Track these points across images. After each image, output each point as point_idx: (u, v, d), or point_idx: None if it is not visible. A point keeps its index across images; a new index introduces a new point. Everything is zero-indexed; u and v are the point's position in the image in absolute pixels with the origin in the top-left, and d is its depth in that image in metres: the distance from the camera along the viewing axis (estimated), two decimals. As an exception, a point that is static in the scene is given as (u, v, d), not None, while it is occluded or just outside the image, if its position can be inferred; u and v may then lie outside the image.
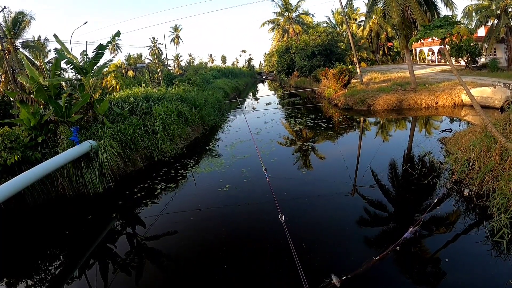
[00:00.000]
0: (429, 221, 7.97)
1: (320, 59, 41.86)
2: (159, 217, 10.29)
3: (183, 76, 35.74)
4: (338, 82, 29.16)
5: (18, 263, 8.95)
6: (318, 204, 9.95)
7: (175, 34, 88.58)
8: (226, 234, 8.66)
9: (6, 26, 32.70)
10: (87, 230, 10.20)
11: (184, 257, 8.07)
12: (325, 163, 14.07)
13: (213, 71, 47.59)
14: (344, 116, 23.51)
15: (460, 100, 20.85)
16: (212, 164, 14.64)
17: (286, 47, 54.03)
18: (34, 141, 13.11)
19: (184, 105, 21.40)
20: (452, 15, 10.53)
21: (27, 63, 15.00)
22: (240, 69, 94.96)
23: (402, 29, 23.24)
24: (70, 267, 8.34)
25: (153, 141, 16.06)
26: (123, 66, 47.64)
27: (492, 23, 31.46)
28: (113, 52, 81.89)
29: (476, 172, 9.03)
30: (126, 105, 17.45)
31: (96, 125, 14.66)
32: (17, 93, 13.75)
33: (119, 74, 36.05)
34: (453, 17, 10.48)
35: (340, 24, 65.61)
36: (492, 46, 32.26)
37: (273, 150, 15.98)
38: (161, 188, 12.42)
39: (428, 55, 54.79)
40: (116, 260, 8.35)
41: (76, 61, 15.08)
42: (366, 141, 16.87)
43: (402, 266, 6.67)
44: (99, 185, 12.66)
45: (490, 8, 30.74)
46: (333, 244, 7.79)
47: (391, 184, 10.77)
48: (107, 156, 13.20)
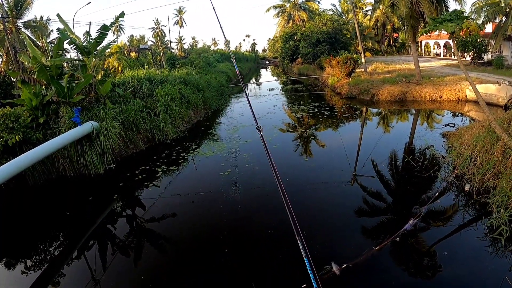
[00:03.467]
0: (429, 214, 8.00)
1: (325, 47, 41.46)
2: (160, 199, 10.36)
3: (186, 59, 35.42)
4: (342, 70, 28.97)
5: (18, 243, 9.04)
6: (319, 192, 10.01)
7: (179, 16, 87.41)
8: (227, 218, 8.71)
9: (8, 6, 32.35)
10: (87, 211, 10.27)
11: (184, 240, 8.13)
12: (326, 151, 14.10)
13: (216, 55, 47.04)
14: (347, 105, 23.43)
15: (464, 95, 20.72)
16: (214, 148, 14.66)
17: (291, 33, 53.42)
18: (35, 121, 13.05)
19: (187, 88, 21.31)
20: (461, 9, 10.36)
21: (29, 42, 14.82)
22: (243, 53, 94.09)
23: (409, 21, 22.94)
24: (70, 248, 8.41)
25: (155, 123, 16.05)
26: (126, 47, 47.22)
27: (500, 20, 31.01)
28: (116, 33, 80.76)
29: (477, 168, 9.02)
30: (129, 87, 17.35)
31: (98, 106, 14.58)
32: (18, 73, 13.62)
33: (122, 56, 35.71)
34: (462, 11, 10.33)
35: (346, 13, 64.71)
36: (498, 44, 31.87)
37: (275, 136, 16.03)
38: (162, 170, 12.47)
39: (433, 49, 54.20)
40: (115, 242, 8.42)
41: (79, 42, 14.91)
42: (367, 131, 16.85)
43: (401, 257, 6.73)
44: (100, 167, 12.68)
45: (499, 5, 30.27)
46: (333, 232, 7.86)
47: (391, 175, 10.80)
48: (109, 138, 13.18)
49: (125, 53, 39.10)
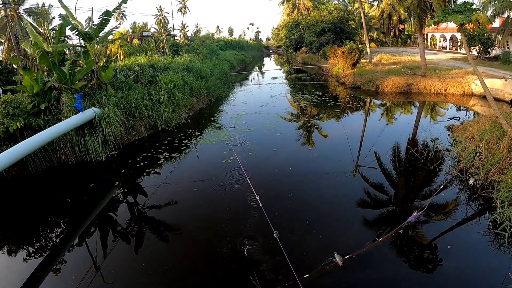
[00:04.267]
0: (432, 207, 7.95)
1: (330, 36, 41.07)
2: (161, 186, 10.33)
3: (190, 46, 35.19)
4: (347, 60, 28.76)
5: (20, 230, 9.04)
6: (321, 181, 9.96)
7: (182, 3, 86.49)
8: (229, 206, 8.68)
9: (9, -8, 32.04)
10: (89, 198, 10.26)
11: (185, 228, 8.11)
12: (329, 141, 14.01)
13: (219, 43, 46.77)
14: (351, 95, 23.25)
15: (470, 89, 20.47)
16: (217, 136, 14.61)
17: (296, 22, 52.92)
18: (37, 108, 12.96)
19: (190, 75, 21.18)
20: (470, 2, 10.12)
21: (31, 29, 14.70)
22: (247, 42, 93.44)
23: (416, 12, 22.60)
24: (71, 235, 8.41)
25: (157, 110, 15.99)
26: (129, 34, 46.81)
27: (508, 15, 30.58)
28: (118, 20, 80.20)
29: (482, 163, 8.93)
30: (131, 73, 17.24)
31: (100, 92, 14.49)
32: (20, 60, 13.47)
33: (124, 42, 35.41)
34: (472, 3, 10.09)
35: (352, 2, 63.86)
36: (505, 39, 31.47)
37: (279, 124, 16.03)
38: (164, 157, 12.44)
39: (439, 41, 53.58)
40: (117, 229, 8.41)
41: (81, 27, 14.74)
42: (371, 122, 16.73)
43: (404, 249, 6.70)
44: (102, 153, 12.65)
45: (507, 0, 29.83)
46: (336, 223, 7.82)
47: (394, 167, 10.73)
48: (111, 124, 13.14)
49: (127, 39, 38.78)
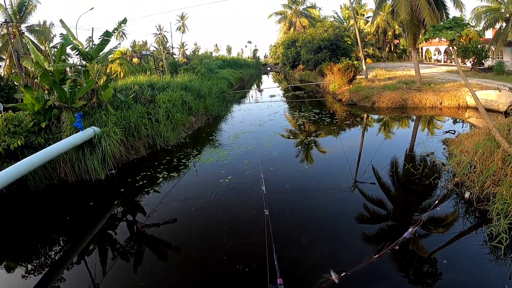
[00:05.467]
0: (428, 221, 8.01)
1: (326, 54, 41.64)
2: (160, 205, 10.37)
3: (188, 65, 35.61)
4: (343, 77, 29.05)
5: (19, 247, 9.06)
6: (319, 198, 10.03)
7: (181, 22, 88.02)
8: (226, 225, 8.71)
9: (12, 10, 32.60)
10: (88, 217, 10.29)
11: (184, 246, 8.13)
12: (327, 158, 14.11)
13: (218, 61, 47.30)
14: (348, 111, 23.48)
15: (465, 101, 20.76)
16: (215, 155, 14.68)
17: (292, 40, 53.69)
18: (37, 126, 13.12)
19: (188, 94, 21.38)
20: (461, 16, 10.44)
21: (32, 47, 14.95)
22: (245, 59, 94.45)
23: (410, 27, 23.05)
24: (70, 253, 8.42)
25: (156, 130, 16.11)
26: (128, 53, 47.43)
27: (500, 26, 31.18)
28: (118, 39, 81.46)
29: (477, 176, 9.03)
30: (131, 93, 17.45)
31: (100, 111, 14.66)
32: (21, 78, 13.76)
33: (124, 61, 35.89)
34: (462, 18, 10.39)
35: (348, 19, 65.08)
36: (499, 49, 32.01)
37: (276, 143, 16.04)
38: (163, 176, 12.49)
39: (434, 55, 54.41)
40: (116, 247, 8.44)
41: (81, 47, 15.04)
42: (368, 138, 16.88)
43: (401, 265, 6.73)
44: (101, 172, 12.72)
45: (499, 11, 30.44)
46: (333, 240, 7.86)
47: (392, 182, 10.82)
48: (110, 143, 13.23)
49: (127, 58, 39.29)
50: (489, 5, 31.71)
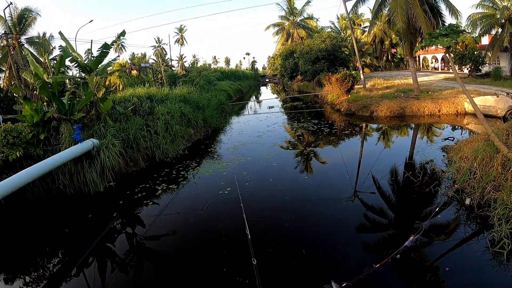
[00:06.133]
0: (430, 229, 7.94)
1: (324, 64, 41.84)
2: (159, 217, 10.29)
3: (187, 77, 35.79)
4: (341, 87, 29.15)
5: (17, 259, 8.96)
6: (319, 209, 9.93)
7: (179, 35, 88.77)
8: (226, 237, 8.63)
9: (11, 22, 32.88)
10: (87, 229, 10.19)
11: (183, 259, 8.05)
12: (326, 168, 14.05)
13: (216, 73, 47.57)
14: (347, 121, 23.49)
15: (463, 108, 20.84)
16: (214, 167, 14.63)
17: (290, 51, 54.03)
18: (36, 137, 13.12)
19: (187, 106, 21.41)
20: (457, 24, 10.52)
21: (31, 59, 15.04)
22: (243, 71, 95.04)
23: (406, 36, 23.25)
24: (69, 265, 8.33)
25: (155, 142, 16.06)
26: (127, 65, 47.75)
27: (496, 31, 31.52)
28: (117, 51, 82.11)
29: (477, 182, 8.99)
30: (129, 105, 17.48)
31: (98, 123, 14.68)
32: (20, 89, 13.83)
33: (123, 73, 36.12)
34: (458, 25, 10.48)
35: (345, 29, 65.63)
36: (495, 55, 32.27)
37: (275, 154, 15.94)
38: (162, 189, 12.42)
39: (431, 63, 54.81)
40: (115, 260, 8.34)
41: (80, 59, 15.11)
42: (367, 147, 16.86)
43: (402, 274, 6.66)
44: (100, 184, 12.66)
45: (495, 17, 30.80)
46: (334, 250, 7.77)
47: (392, 191, 10.76)
48: (109, 155, 13.20)
49: (126, 71, 39.52)
50: (484, 11, 32.12)
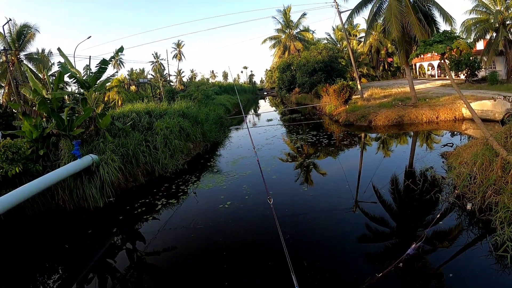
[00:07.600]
0: (432, 236, 7.89)
1: (321, 75, 42.03)
2: (160, 233, 10.21)
3: (185, 92, 35.95)
4: (339, 98, 29.25)
5: (16, 275, 8.87)
6: (320, 221, 9.86)
7: (177, 50, 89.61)
8: (226, 251, 8.56)
9: (10, 38, 33.19)
10: (86, 245, 10.12)
11: (184, 274, 7.96)
12: (326, 179, 13.98)
13: (214, 87, 47.81)
14: (345, 132, 23.49)
15: (461, 114, 20.91)
16: (214, 181, 14.58)
17: (287, 64, 54.33)
18: (35, 153, 13.15)
19: (186, 121, 21.43)
20: (451, 30, 10.63)
21: (30, 75, 15.17)
22: (241, 85, 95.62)
23: (402, 45, 23.48)
24: (69, 282, 8.25)
25: (154, 157, 16.02)
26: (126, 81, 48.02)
27: (490, 36, 31.80)
28: (116, 67, 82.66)
29: (478, 186, 8.96)
30: (128, 120, 17.52)
31: (98, 139, 14.70)
32: (20, 105, 13.86)
33: (122, 89, 36.32)
34: (452, 32, 10.60)
35: (341, 40, 66.31)
36: (491, 59, 32.50)
37: (274, 167, 15.85)
38: (162, 204, 12.36)
39: (428, 70, 55.22)
40: (115, 275, 8.27)
41: (79, 75, 15.23)
42: (367, 157, 16.84)
43: (406, 283, 6.59)
44: (99, 200, 12.62)
45: (489, 22, 31.11)
46: (335, 261, 7.69)
47: (393, 199, 10.70)
48: (108, 171, 13.19)
49: (125, 86, 39.75)
50: (478, 17, 32.45)
